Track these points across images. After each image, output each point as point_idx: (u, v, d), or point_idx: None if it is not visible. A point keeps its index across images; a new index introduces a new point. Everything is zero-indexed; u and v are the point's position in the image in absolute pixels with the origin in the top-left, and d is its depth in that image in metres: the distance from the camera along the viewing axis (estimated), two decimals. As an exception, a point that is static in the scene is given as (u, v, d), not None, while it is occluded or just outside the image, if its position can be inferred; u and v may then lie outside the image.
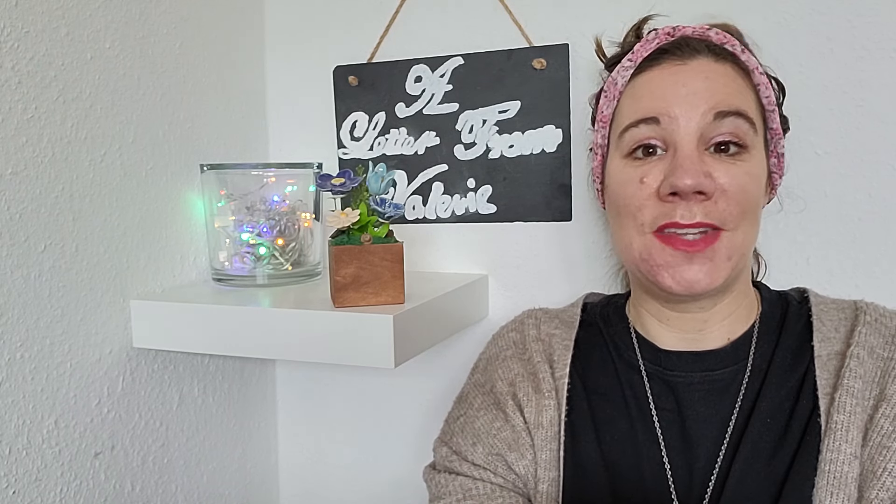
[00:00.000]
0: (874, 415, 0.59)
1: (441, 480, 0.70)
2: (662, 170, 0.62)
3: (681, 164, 0.60)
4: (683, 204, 0.60)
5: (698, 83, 0.61)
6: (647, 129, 0.62)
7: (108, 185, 0.78)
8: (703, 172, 0.59)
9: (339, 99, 0.98)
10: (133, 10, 0.80)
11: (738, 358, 0.66)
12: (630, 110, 0.65)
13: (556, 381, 0.69)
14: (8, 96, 0.67)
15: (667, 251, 0.61)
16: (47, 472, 0.72)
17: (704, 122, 0.60)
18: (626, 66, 0.65)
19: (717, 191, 0.60)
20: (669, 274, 0.61)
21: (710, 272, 0.60)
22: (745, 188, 0.61)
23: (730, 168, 0.60)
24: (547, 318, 0.77)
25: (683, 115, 0.61)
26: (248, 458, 1.02)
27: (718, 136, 0.61)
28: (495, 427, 0.70)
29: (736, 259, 0.62)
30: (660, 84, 0.63)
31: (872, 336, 0.64)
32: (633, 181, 0.63)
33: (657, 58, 0.64)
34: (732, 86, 0.62)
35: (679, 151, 0.61)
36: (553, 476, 0.66)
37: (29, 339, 0.70)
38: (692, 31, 0.64)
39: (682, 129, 0.61)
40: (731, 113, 0.60)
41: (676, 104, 0.61)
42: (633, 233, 0.64)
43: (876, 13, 0.75)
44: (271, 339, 0.74)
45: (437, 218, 0.95)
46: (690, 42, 0.63)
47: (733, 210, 0.60)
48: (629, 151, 0.64)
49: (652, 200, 0.62)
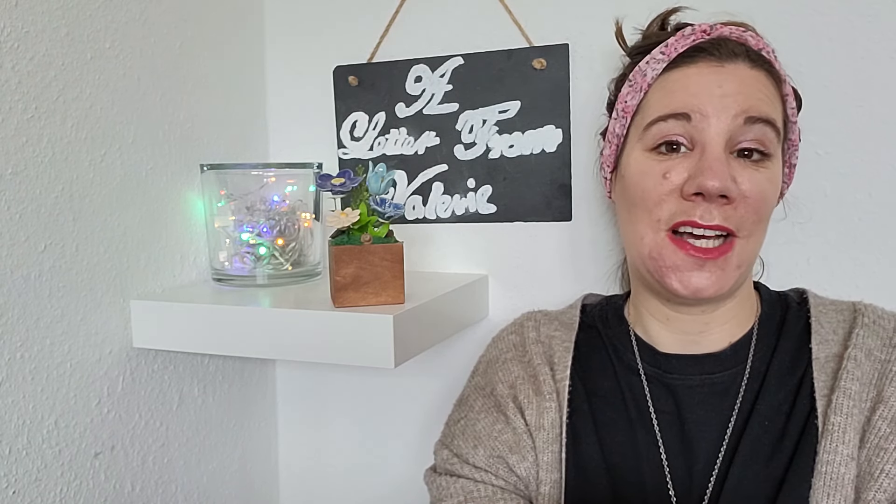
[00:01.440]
0: (871, 417, 0.59)
1: (442, 483, 0.70)
2: (687, 168, 0.61)
3: (710, 165, 0.59)
4: (704, 205, 0.60)
5: (733, 86, 0.61)
6: (677, 124, 0.62)
7: (108, 185, 0.78)
8: (729, 176, 0.59)
9: (339, 99, 0.98)
10: (133, 10, 0.80)
11: (737, 361, 0.66)
12: (660, 104, 0.64)
13: (557, 383, 0.69)
14: (8, 96, 0.67)
15: (679, 254, 0.61)
16: (47, 472, 0.72)
17: (735, 125, 0.60)
18: (657, 59, 0.64)
19: (739, 196, 0.60)
20: (677, 277, 0.61)
21: (718, 280, 0.61)
22: (765, 195, 0.61)
23: (753, 174, 0.61)
24: (546, 321, 0.77)
25: (715, 115, 0.60)
26: (248, 458, 1.02)
27: (745, 141, 0.61)
28: (496, 429, 0.70)
29: (745, 267, 0.62)
30: (697, 81, 0.62)
31: (870, 338, 0.64)
32: (654, 175, 0.63)
33: (692, 55, 0.63)
34: (765, 92, 0.62)
35: (708, 152, 0.60)
36: (555, 478, 0.66)
37: (29, 339, 0.70)
38: (730, 33, 0.63)
39: (713, 130, 0.61)
40: (761, 120, 0.61)
41: (710, 103, 0.61)
42: (647, 228, 0.63)
43: (876, 13, 0.75)
44: (271, 339, 0.74)
45: (437, 218, 0.95)
46: (728, 44, 0.63)
47: (751, 216, 0.61)
48: (654, 145, 0.64)
49: (673, 196, 0.62)
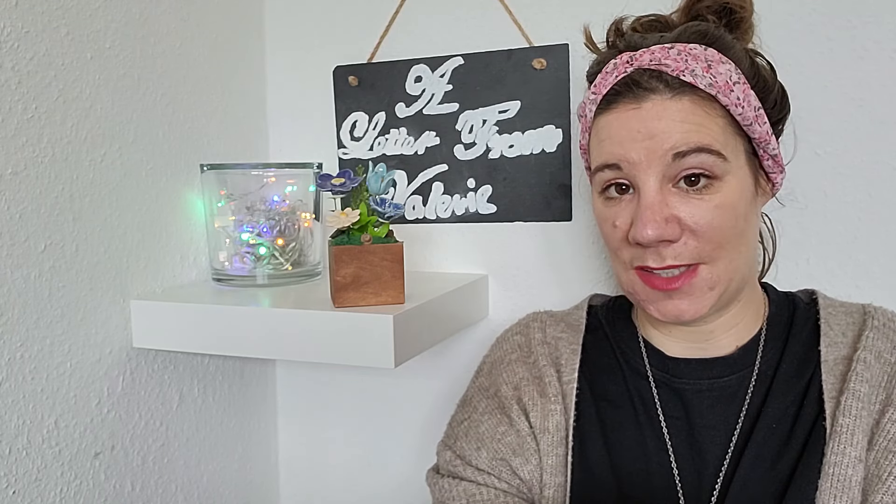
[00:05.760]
0: (880, 419, 0.59)
1: (445, 485, 0.70)
2: (630, 212, 0.61)
3: (640, 214, 0.59)
4: (652, 250, 0.60)
5: (653, 125, 0.59)
6: (612, 173, 0.62)
7: (108, 185, 0.78)
8: (665, 219, 0.58)
9: (339, 99, 0.98)
10: (133, 10, 0.80)
11: (745, 364, 0.66)
12: (596, 152, 0.64)
13: (564, 386, 0.69)
14: (8, 96, 0.67)
15: (646, 289, 0.62)
16: (47, 472, 0.72)
17: (664, 163, 0.59)
18: (591, 100, 0.64)
19: (685, 232, 0.59)
20: (655, 307, 0.62)
21: (692, 304, 0.61)
22: (714, 224, 0.59)
23: (697, 205, 0.59)
24: (552, 322, 0.76)
25: (642, 160, 0.59)
26: (248, 458, 1.02)
27: (683, 171, 0.59)
28: (500, 432, 0.69)
29: (722, 287, 0.61)
30: (617, 129, 0.61)
31: (880, 340, 0.64)
32: (607, 221, 0.64)
33: (614, 98, 0.62)
34: (692, 120, 0.59)
35: (641, 199, 0.60)
36: (559, 482, 0.66)
37: (29, 339, 0.70)
38: (649, 60, 0.60)
39: (643, 174, 0.59)
40: (692, 151, 0.58)
41: (634, 150, 0.59)
42: (619, 266, 0.65)
43: (876, 13, 0.75)
44: (271, 339, 0.74)
45: (437, 218, 0.95)
46: (642, 80, 0.60)
47: (705, 247, 0.60)
48: (601, 189, 0.64)
49: (625, 244, 0.62)
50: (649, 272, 0.61)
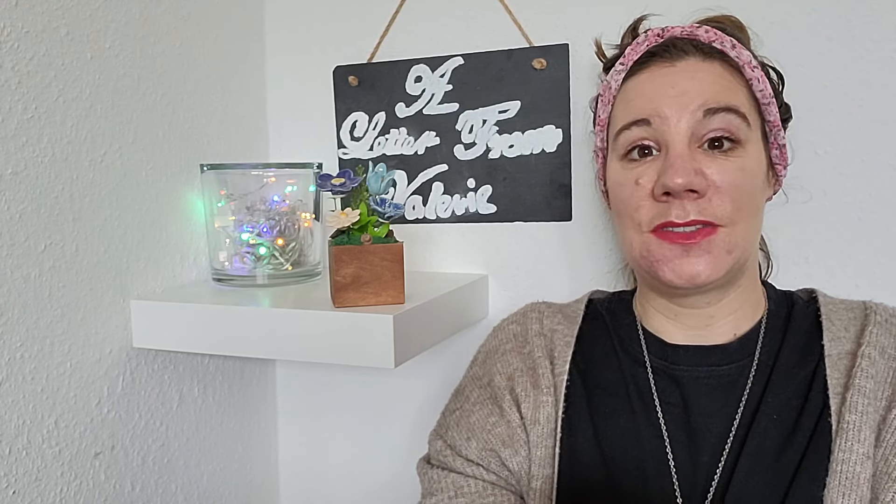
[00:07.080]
0: (887, 416, 0.59)
1: (434, 476, 0.71)
2: (656, 170, 0.62)
3: (672, 163, 0.61)
4: (677, 203, 0.61)
5: (686, 83, 0.62)
6: (640, 130, 0.64)
7: (108, 185, 0.78)
8: (693, 170, 0.60)
9: (339, 99, 0.98)
10: (133, 10, 0.80)
11: (744, 353, 0.66)
12: (623, 113, 0.66)
13: (556, 378, 0.69)
14: (8, 96, 0.67)
15: (664, 246, 0.62)
16: (47, 472, 0.72)
17: (694, 119, 0.61)
18: (618, 70, 0.67)
19: (710, 188, 0.61)
20: (669, 268, 0.62)
21: (709, 264, 0.61)
22: (737, 184, 0.61)
23: (723, 164, 0.61)
24: (550, 313, 0.77)
25: (673, 115, 0.62)
26: (248, 458, 1.02)
27: (710, 132, 0.62)
28: (490, 422, 0.70)
29: (738, 253, 0.62)
30: (650, 86, 0.64)
31: (883, 336, 0.64)
32: (629, 183, 0.64)
33: (646, 61, 0.65)
34: (721, 83, 0.63)
35: (670, 151, 0.62)
36: (547, 473, 0.66)
37: (29, 339, 0.70)
38: (681, 31, 0.65)
39: (673, 129, 0.62)
40: (721, 109, 0.61)
41: (666, 105, 0.62)
42: (633, 233, 0.65)
43: (876, 13, 0.75)
44: (271, 339, 0.74)
45: (437, 218, 0.95)
46: (678, 43, 0.64)
47: (727, 206, 0.61)
48: (625, 153, 0.65)
49: (648, 201, 0.63)
50: (669, 230, 0.62)
